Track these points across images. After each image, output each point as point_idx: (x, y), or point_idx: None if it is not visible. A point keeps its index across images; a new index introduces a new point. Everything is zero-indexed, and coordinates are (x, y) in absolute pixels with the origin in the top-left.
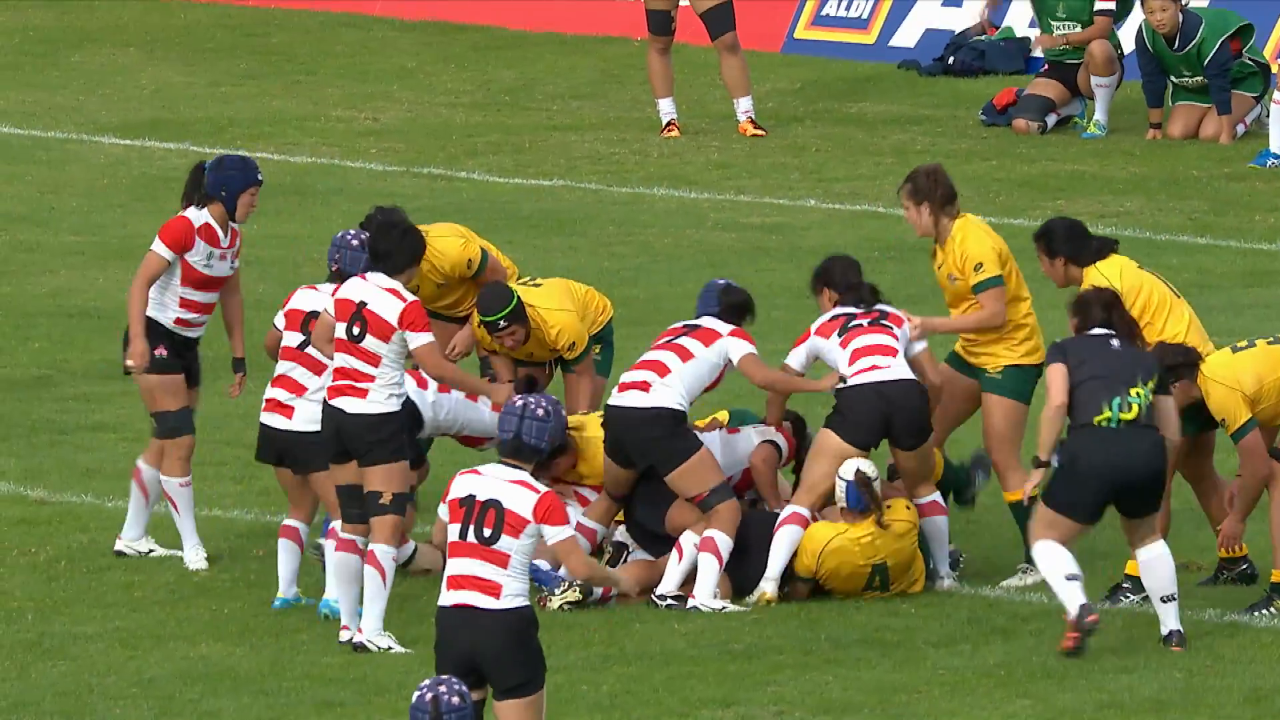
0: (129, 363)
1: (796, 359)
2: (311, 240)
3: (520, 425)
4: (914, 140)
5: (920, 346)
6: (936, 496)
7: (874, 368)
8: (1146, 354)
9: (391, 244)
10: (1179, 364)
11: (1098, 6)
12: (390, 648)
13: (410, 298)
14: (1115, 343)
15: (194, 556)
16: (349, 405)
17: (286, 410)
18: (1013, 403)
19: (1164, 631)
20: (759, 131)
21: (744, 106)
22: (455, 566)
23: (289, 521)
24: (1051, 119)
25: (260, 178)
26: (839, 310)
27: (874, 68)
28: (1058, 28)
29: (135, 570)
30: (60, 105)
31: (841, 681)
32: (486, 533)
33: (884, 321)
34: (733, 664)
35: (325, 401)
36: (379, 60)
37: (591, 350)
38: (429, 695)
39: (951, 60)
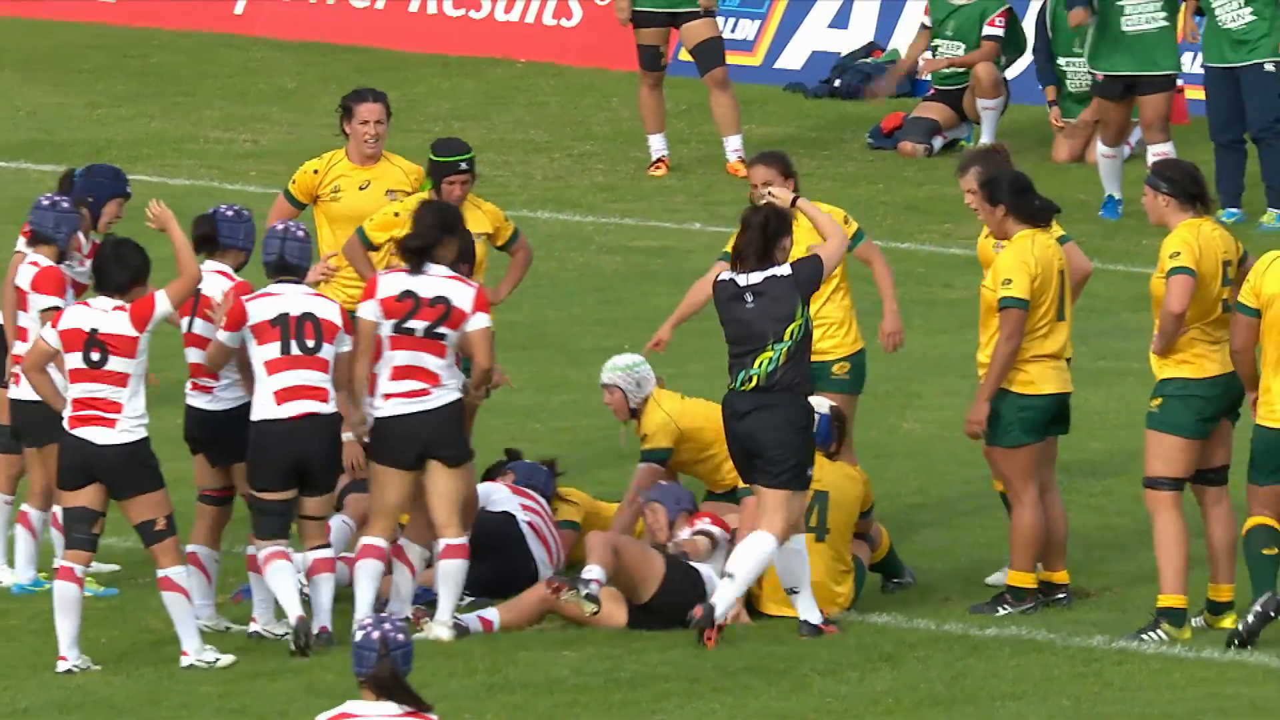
0: None
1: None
2: None
3: (283, 247)
4: (800, 163)
5: (482, 323)
6: (465, 540)
7: (415, 394)
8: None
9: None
10: None
11: (985, 31)
12: (217, 660)
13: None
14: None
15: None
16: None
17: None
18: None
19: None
20: None
21: (733, 145)
22: (283, 380)
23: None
24: (938, 142)
25: (129, 191)
26: (391, 285)
27: (760, 90)
28: (943, 47)
29: (8, 599)
30: None
31: (728, 710)
32: (310, 343)
33: (438, 330)
34: (618, 692)
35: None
36: (259, 81)
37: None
38: (375, 633)
39: (837, 83)
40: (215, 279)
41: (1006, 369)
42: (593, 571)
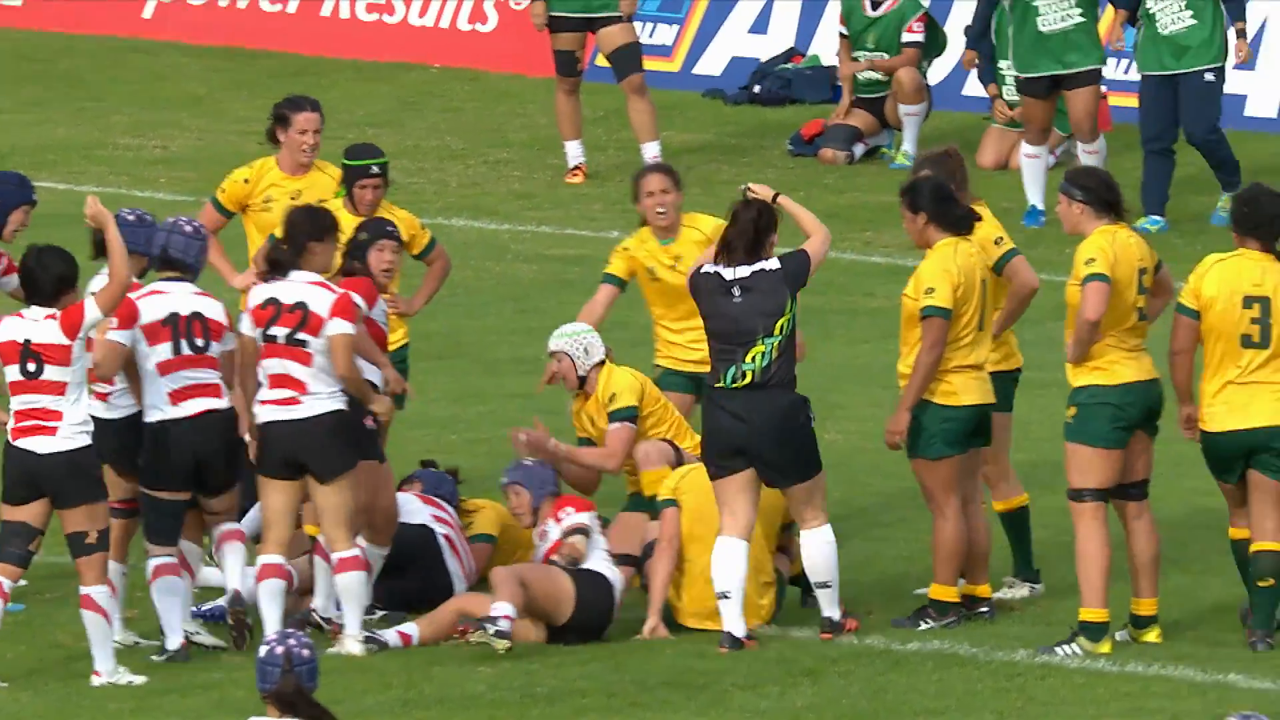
0: None
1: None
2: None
3: (168, 240)
4: (719, 170)
5: (339, 329)
6: (358, 552)
7: (284, 402)
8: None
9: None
10: None
11: (905, 38)
12: (130, 681)
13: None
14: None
15: None
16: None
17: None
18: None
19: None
20: None
21: (651, 152)
22: (177, 380)
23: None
24: (859, 149)
25: (35, 198)
26: (259, 293)
27: (678, 96)
28: (864, 59)
29: None
30: None
31: None
32: (199, 342)
33: (298, 336)
34: (535, 707)
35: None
36: (168, 87)
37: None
38: (279, 649)
39: (758, 89)
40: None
41: (929, 379)
42: (501, 608)
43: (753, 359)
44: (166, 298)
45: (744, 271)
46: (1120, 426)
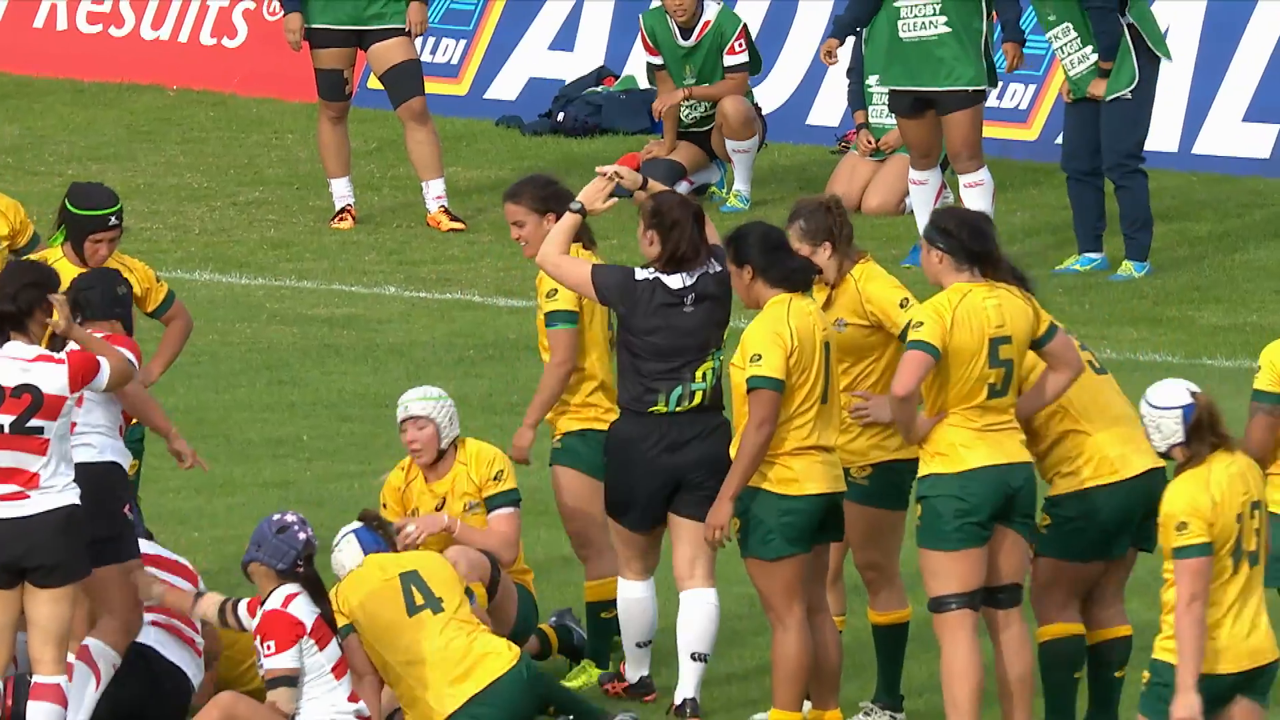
0: None
1: None
2: None
3: None
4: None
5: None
6: (58, 680)
7: (6, 498)
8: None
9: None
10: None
11: (728, 61)
12: None
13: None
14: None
15: None
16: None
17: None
18: None
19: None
20: (456, 224)
21: (435, 191)
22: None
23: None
24: (683, 188)
25: None
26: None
27: (466, 124)
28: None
29: None
30: None
31: None
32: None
33: (31, 424)
34: None
35: None
36: None
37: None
38: None
39: (561, 116)
40: None
41: (756, 462)
42: None
43: (703, 376)
44: None
45: (690, 278)
46: (968, 521)
